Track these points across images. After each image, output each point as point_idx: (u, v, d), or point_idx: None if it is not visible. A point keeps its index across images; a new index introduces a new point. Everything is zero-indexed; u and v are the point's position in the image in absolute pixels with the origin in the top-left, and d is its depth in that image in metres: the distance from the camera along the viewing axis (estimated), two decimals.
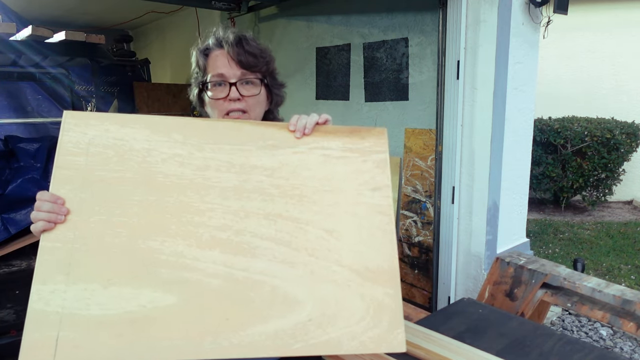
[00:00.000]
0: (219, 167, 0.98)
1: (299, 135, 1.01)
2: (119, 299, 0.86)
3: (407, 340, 1.56)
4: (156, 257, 0.90)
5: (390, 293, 0.94)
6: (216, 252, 0.92)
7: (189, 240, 0.92)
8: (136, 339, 0.84)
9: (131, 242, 0.90)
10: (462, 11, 2.58)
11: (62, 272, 0.86)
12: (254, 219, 0.96)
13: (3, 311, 2.01)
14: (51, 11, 5.05)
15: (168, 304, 0.87)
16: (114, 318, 0.85)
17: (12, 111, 3.96)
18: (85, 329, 0.84)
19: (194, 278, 0.90)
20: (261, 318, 0.89)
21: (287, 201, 0.98)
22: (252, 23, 4.41)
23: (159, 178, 0.95)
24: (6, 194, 2.71)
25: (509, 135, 2.76)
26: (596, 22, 6.05)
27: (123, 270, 0.88)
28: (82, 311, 0.84)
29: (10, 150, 2.87)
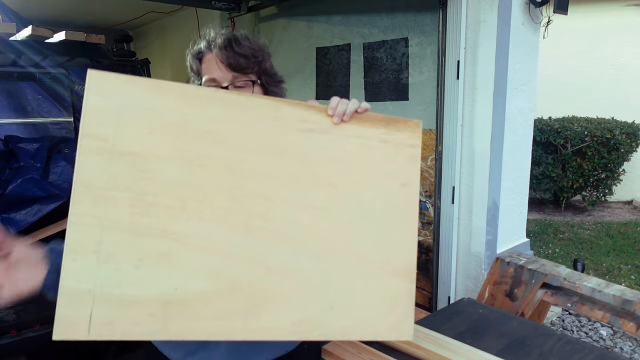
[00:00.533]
0: (253, 149, 0.94)
1: (337, 120, 0.97)
2: (151, 280, 0.86)
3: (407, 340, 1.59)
4: (187, 240, 0.88)
5: (406, 286, 0.98)
6: (247, 239, 0.91)
7: (220, 225, 0.90)
8: (169, 319, 0.86)
9: (162, 223, 0.87)
10: (462, 11, 2.58)
11: (92, 249, 0.84)
12: (285, 207, 0.94)
13: (3, 311, 2.01)
14: (51, 11, 5.05)
15: (199, 287, 0.88)
16: (146, 298, 0.85)
17: (12, 111, 3.96)
18: (118, 307, 0.84)
19: (224, 263, 0.90)
20: (287, 305, 0.92)
21: (318, 190, 0.96)
22: (252, 23, 4.41)
23: (192, 156, 0.90)
24: (6, 194, 2.71)
25: (509, 135, 2.76)
26: (596, 22, 6.05)
27: (154, 251, 0.86)
28: (114, 289, 0.84)
29: (10, 150, 2.87)
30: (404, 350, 1.70)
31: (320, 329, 0.94)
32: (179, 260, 0.88)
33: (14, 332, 1.89)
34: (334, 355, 1.72)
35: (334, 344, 1.78)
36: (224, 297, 0.89)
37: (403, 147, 1.01)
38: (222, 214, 0.91)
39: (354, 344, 1.78)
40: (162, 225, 0.87)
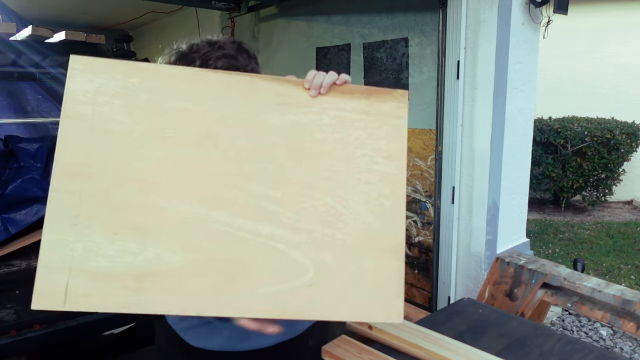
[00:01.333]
0: (229, 124, 0.93)
1: (314, 93, 0.96)
2: (125, 253, 0.87)
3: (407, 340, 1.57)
4: (162, 214, 0.89)
5: (394, 264, 0.93)
6: (223, 213, 0.90)
7: (195, 199, 0.90)
8: (142, 292, 0.86)
9: (138, 197, 0.88)
10: (462, 11, 2.58)
11: (70, 222, 0.86)
12: (262, 181, 0.92)
13: (3, 311, 2.01)
14: (51, 11, 5.05)
15: (173, 261, 0.88)
16: (120, 271, 0.86)
17: (12, 111, 3.96)
18: (93, 279, 0.85)
19: (200, 237, 0.89)
20: (264, 280, 0.90)
21: (297, 164, 0.94)
22: (252, 23, 4.41)
23: (168, 132, 0.91)
24: (6, 194, 2.71)
25: (509, 135, 2.76)
26: (596, 22, 6.05)
27: (129, 225, 0.87)
28: (89, 262, 0.86)
29: (10, 150, 2.87)
30: (404, 350, 1.70)
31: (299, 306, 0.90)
32: (153, 234, 0.88)
33: (14, 332, 1.89)
34: (333, 355, 1.71)
35: (333, 344, 1.78)
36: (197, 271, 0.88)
37: (387, 117, 0.97)
38: (196, 189, 0.90)
39: (354, 344, 1.78)
40: (137, 199, 0.88)
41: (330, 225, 0.93)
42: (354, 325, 1.94)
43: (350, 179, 0.95)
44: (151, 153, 0.90)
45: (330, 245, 0.92)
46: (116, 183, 0.88)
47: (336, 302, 0.91)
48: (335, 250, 0.92)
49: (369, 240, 0.93)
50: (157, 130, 0.91)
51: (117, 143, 0.89)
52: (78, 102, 0.89)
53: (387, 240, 0.93)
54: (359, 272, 0.92)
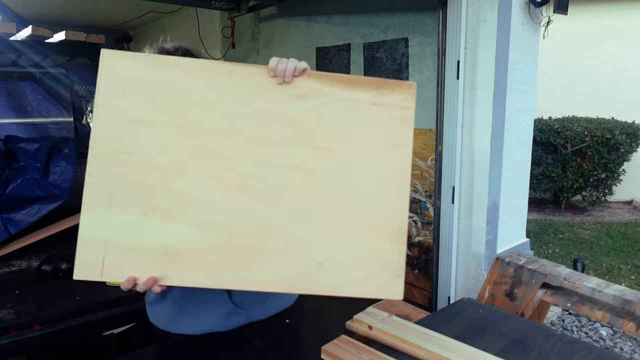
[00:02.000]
0: (246, 115, 1.01)
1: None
2: (154, 231, 0.97)
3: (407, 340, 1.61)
4: (186, 198, 0.98)
5: (396, 247, 1.01)
6: (239, 198, 0.99)
7: (215, 185, 0.99)
8: (168, 267, 0.97)
9: (165, 182, 0.98)
10: (462, 11, 2.58)
11: (104, 202, 0.97)
12: (275, 169, 1.00)
13: (3, 311, 2.01)
14: (51, 11, 5.05)
15: (195, 240, 0.98)
16: (149, 248, 0.97)
17: (12, 111, 3.96)
18: (126, 254, 0.97)
19: (218, 219, 0.98)
20: (275, 259, 0.99)
21: (308, 153, 1.01)
22: (252, 23, 4.41)
23: (191, 123, 0.99)
24: (6, 194, 2.71)
25: (509, 135, 2.76)
26: (596, 22, 6.05)
27: (157, 207, 0.97)
28: (123, 239, 0.97)
29: (10, 150, 2.87)
30: (404, 350, 1.70)
31: (306, 283, 1.00)
32: (178, 215, 0.98)
33: (14, 332, 1.89)
34: (333, 355, 1.71)
35: (333, 344, 1.78)
36: (216, 249, 0.98)
37: (396, 109, 1.03)
38: (217, 174, 1.00)
39: (354, 344, 1.78)
40: (163, 184, 0.98)
41: (338, 210, 1.01)
42: (354, 326, 1.94)
43: (357, 167, 1.02)
44: (175, 142, 0.99)
45: (338, 228, 1.01)
46: (145, 168, 0.98)
47: (342, 280, 1.00)
48: (342, 233, 1.00)
49: (374, 226, 1.01)
50: (180, 121, 1.00)
51: (145, 132, 0.98)
52: (108, 94, 0.98)
53: (391, 225, 1.01)
54: (365, 254, 1.01)
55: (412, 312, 2.14)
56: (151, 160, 0.98)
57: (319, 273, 0.99)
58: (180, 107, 1.00)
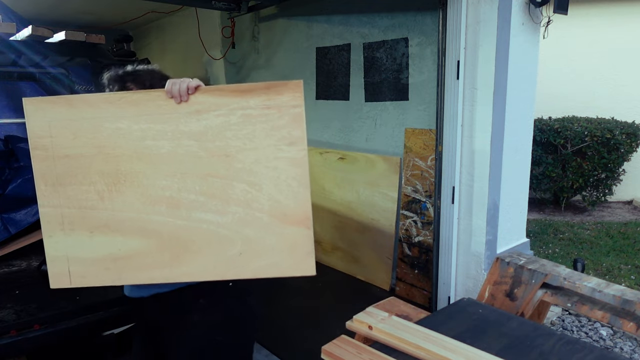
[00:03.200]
0: (154, 136, 1.18)
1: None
2: (101, 244, 1.21)
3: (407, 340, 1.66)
4: (119, 213, 1.19)
5: (303, 232, 1.18)
6: (163, 207, 1.19)
7: (141, 199, 1.18)
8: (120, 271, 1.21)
9: (99, 203, 1.19)
10: (462, 11, 2.58)
11: (58, 228, 1.20)
12: (189, 179, 1.18)
13: (3, 311, 2.01)
14: (51, 11, 5.05)
15: (135, 246, 1.20)
16: (100, 258, 1.22)
17: (12, 111, 3.96)
18: (84, 265, 1.22)
19: (149, 227, 1.19)
20: (202, 253, 1.20)
21: (215, 161, 1.17)
22: (252, 23, 4.41)
23: (108, 150, 1.18)
24: (6, 194, 2.71)
25: (509, 135, 2.76)
26: (597, 22, 6.05)
27: (99, 224, 1.20)
28: (79, 253, 1.21)
29: (10, 150, 2.87)
30: (404, 350, 1.70)
31: (233, 270, 1.20)
32: (117, 228, 1.20)
33: (14, 332, 1.89)
34: (333, 355, 1.72)
35: (333, 344, 1.78)
36: (153, 251, 1.20)
37: (286, 108, 1.16)
38: (141, 190, 1.18)
39: (354, 344, 1.78)
40: (99, 205, 1.19)
41: (249, 206, 1.18)
42: (354, 325, 1.94)
43: (260, 167, 1.17)
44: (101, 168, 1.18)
45: (251, 222, 1.18)
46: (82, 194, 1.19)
47: (262, 264, 1.20)
48: (256, 225, 1.18)
49: (282, 216, 1.18)
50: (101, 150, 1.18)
51: (74, 163, 1.18)
52: (38, 136, 1.17)
53: (297, 213, 1.18)
54: (278, 240, 1.19)
55: (412, 312, 2.14)
56: (84, 187, 1.18)
57: (241, 261, 1.19)
58: (98, 137, 1.17)
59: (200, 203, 1.18)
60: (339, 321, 2.04)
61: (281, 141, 1.16)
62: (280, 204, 1.17)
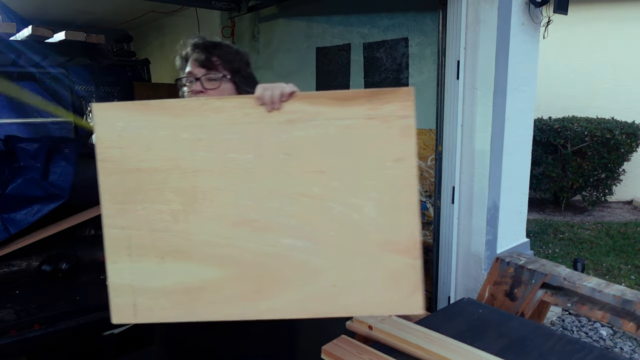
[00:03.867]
0: (239, 149, 1.01)
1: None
2: (173, 272, 1.02)
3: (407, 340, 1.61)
4: (197, 237, 1.01)
5: (410, 262, 0.98)
6: (246, 231, 1.01)
7: (221, 221, 1.01)
8: (192, 304, 1.02)
9: (173, 225, 1.01)
10: (462, 11, 2.58)
11: (124, 253, 1.02)
12: (278, 198, 1.00)
13: (3, 311, 2.01)
14: (51, 11, 5.05)
15: (211, 276, 1.01)
16: (171, 289, 1.02)
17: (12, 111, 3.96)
18: (152, 296, 1.02)
19: (229, 254, 1.01)
20: (290, 286, 1.00)
21: (308, 178, 0.99)
22: (252, 23, 4.41)
23: (186, 164, 1.01)
24: (6, 194, 2.71)
25: (509, 135, 2.76)
26: (596, 22, 6.05)
27: (171, 249, 1.02)
28: (146, 283, 1.02)
29: (10, 150, 2.87)
30: (404, 350, 1.70)
31: (324, 306, 1.00)
32: (192, 254, 1.01)
33: (14, 332, 1.89)
34: (333, 355, 1.71)
35: (333, 344, 1.78)
36: (232, 283, 1.01)
37: (393, 119, 0.97)
38: (221, 211, 1.01)
39: (354, 344, 1.77)
40: (173, 227, 1.01)
41: (347, 231, 0.99)
42: (354, 326, 1.94)
43: (361, 186, 0.99)
44: (176, 184, 1.01)
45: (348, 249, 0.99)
46: (153, 215, 1.01)
47: (359, 299, 1.00)
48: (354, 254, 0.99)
49: (385, 243, 0.99)
50: (177, 163, 1.02)
51: (146, 179, 1.01)
52: (106, 147, 1.01)
53: (401, 241, 0.98)
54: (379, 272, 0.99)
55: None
56: (157, 207, 1.01)
57: (334, 295, 1.00)
58: (175, 149, 1.01)
59: (290, 227, 1.00)
60: (339, 321, 2.04)
61: (387, 157, 0.98)
62: (384, 229, 0.98)
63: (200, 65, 1.25)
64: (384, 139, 0.98)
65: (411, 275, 0.99)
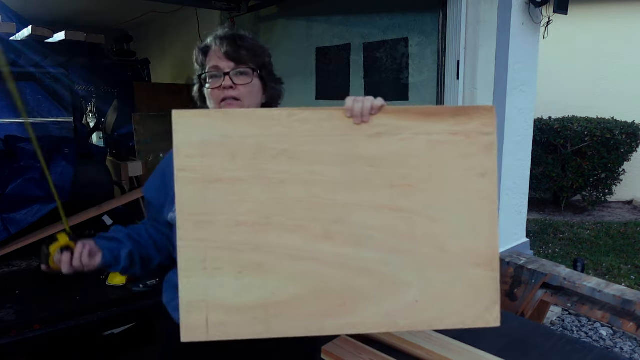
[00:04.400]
0: (325, 160, 1.00)
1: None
2: (250, 288, 0.98)
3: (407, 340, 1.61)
4: (277, 251, 0.99)
5: (490, 275, 1.02)
6: (329, 245, 0.99)
7: (304, 234, 0.99)
8: (270, 320, 0.99)
9: (253, 238, 0.98)
10: (462, 11, 2.58)
11: (199, 267, 0.97)
12: (361, 211, 1.00)
13: (3, 311, 2.01)
14: (51, 11, 5.05)
15: (292, 291, 0.99)
16: (248, 304, 0.98)
17: (12, 111, 3.96)
18: (227, 313, 0.98)
19: (311, 268, 0.99)
20: (373, 301, 1.00)
21: (393, 191, 1.01)
22: (252, 23, 4.41)
23: (270, 175, 0.99)
24: (6, 194, 2.70)
25: (509, 135, 2.76)
26: (596, 22, 6.05)
27: (250, 264, 0.98)
28: (222, 299, 0.98)
29: (10, 150, 2.87)
30: (404, 350, 1.70)
31: (405, 320, 1.01)
32: (272, 268, 0.99)
33: (14, 332, 1.89)
34: (333, 355, 1.72)
35: (333, 344, 1.78)
36: (314, 298, 0.99)
37: (476, 135, 1.01)
38: (303, 223, 0.99)
39: (354, 344, 1.77)
40: (253, 240, 0.98)
41: (431, 244, 1.01)
42: None
43: (445, 199, 1.01)
44: (258, 196, 0.99)
45: (430, 262, 1.01)
46: (232, 227, 0.98)
47: (440, 313, 1.02)
48: (435, 266, 1.01)
49: (465, 255, 1.01)
50: (260, 174, 0.99)
51: (227, 190, 0.98)
52: (187, 155, 0.98)
53: (482, 254, 1.01)
54: (458, 285, 1.01)
55: None
56: (237, 218, 0.98)
57: (416, 309, 1.01)
58: (260, 159, 0.99)
59: (374, 240, 1.00)
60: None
61: (470, 172, 1.01)
62: (466, 242, 1.01)
63: (228, 58, 1.17)
64: (467, 155, 1.01)
65: (490, 287, 1.02)
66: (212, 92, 1.18)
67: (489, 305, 1.03)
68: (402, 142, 1.00)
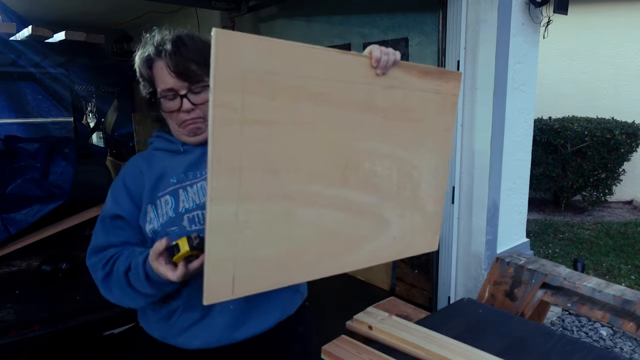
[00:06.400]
0: (352, 107, 1.02)
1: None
2: (278, 238, 0.96)
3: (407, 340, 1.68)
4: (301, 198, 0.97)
5: (438, 212, 1.24)
6: (343, 190, 1.03)
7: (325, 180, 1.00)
8: (290, 268, 1.00)
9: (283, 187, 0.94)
10: (462, 11, 2.58)
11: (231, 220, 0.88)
12: (372, 159, 1.07)
13: (3, 311, 2.01)
14: (51, 11, 5.05)
15: (310, 237, 1.01)
16: (275, 254, 0.96)
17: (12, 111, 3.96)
18: (255, 266, 0.94)
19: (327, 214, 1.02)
20: (367, 241, 1.11)
21: (395, 141, 1.10)
22: (252, 23, 4.41)
23: (304, 119, 0.94)
24: (6, 194, 2.71)
25: (509, 135, 2.76)
26: (596, 22, 6.05)
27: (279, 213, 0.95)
28: (251, 252, 0.93)
29: (10, 150, 2.87)
30: (404, 350, 1.70)
31: (385, 254, 1.16)
32: (296, 217, 0.97)
33: (14, 332, 1.89)
34: (333, 355, 1.72)
35: (333, 344, 1.78)
36: (325, 242, 1.04)
37: (448, 96, 1.16)
38: (327, 170, 1.00)
39: (354, 344, 1.77)
40: (283, 189, 0.94)
41: (409, 189, 1.16)
42: (354, 325, 1.94)
43: (424, 149, 1.16)
44: (291, 140, 0.93)
45: (408, 204, 1.16)
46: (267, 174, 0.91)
47: (407, 246, 1.19)
48: (410, 207, 1.17)
49: (428, 198, 1.19)
50: (297, 117, 0.93)
51: (265, 133, 0.89)
52: (227, 91, 0.84)
53: (438, 196, 1.22)
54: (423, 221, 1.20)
55: (412, 312, 2.14)
56: (270, 166, 0.91)
57: (393, 244, 1.15)
58: (298, 102, 0.92)
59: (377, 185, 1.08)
60: (339, 321, 2.04)
61: (441, 126, 1.16)
62: (431, 186, 1.18)
63: (179, 77, 1.05)
64: (441, 112, 1.15)
65: (436, 222, 1.23)
66: (170, 114, 1.09)
67: (433, 235, 1.25)
68: (404, 96, 1.09)
